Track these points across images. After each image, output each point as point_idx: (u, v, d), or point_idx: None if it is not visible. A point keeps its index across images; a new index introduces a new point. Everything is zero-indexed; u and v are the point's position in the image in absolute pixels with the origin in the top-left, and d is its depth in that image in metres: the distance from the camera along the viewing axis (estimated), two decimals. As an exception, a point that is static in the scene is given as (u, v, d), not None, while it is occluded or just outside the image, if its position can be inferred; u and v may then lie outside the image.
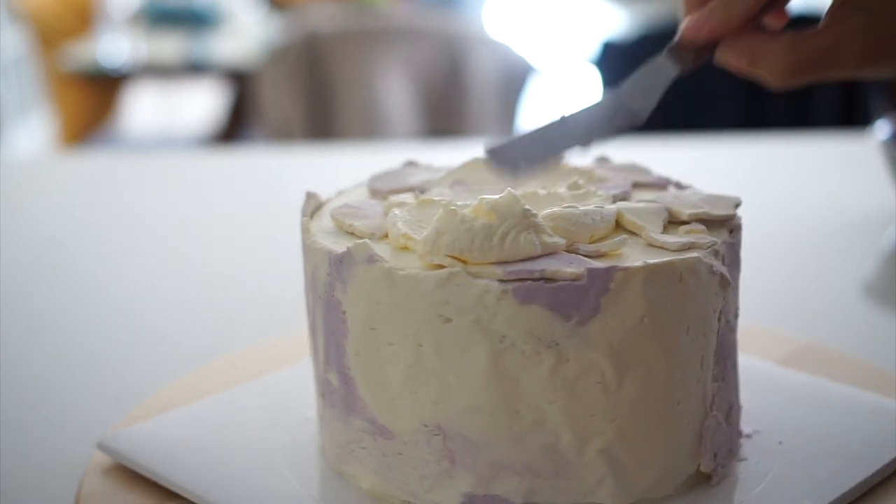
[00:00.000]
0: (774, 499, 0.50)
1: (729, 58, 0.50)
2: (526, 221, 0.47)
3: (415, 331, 0.47)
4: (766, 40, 0.49)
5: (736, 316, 0.53)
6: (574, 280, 0.46)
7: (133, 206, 1.13)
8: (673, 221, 0.51)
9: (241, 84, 3.14)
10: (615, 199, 0.53)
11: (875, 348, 0.71)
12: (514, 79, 2.41)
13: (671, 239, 0.49)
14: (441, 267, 0.47)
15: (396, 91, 2.29)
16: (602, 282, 0.46)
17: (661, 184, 0.57)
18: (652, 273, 0.47)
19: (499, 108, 2.40)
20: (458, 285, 0.46)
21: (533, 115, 2.62)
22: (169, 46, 3.09)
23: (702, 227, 0.50)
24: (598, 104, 0.52)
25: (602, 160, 0.62)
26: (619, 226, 0.51)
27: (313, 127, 2.30)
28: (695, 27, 0.50)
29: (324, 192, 0.58)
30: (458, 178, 0.58)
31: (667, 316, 0.48)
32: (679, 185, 0.57)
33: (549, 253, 0.47)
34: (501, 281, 0.46)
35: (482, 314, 0.46)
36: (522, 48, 2.51)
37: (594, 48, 2.05)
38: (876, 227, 0.99)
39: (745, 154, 1.31)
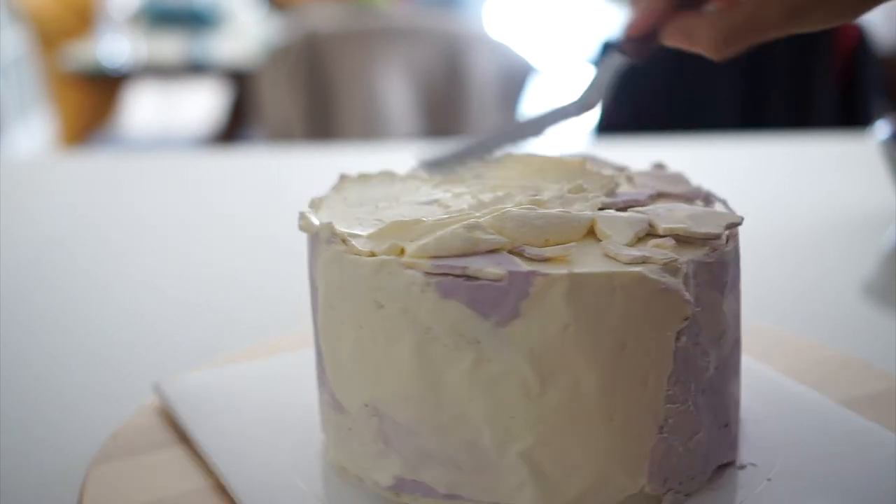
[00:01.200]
0: None
1: (672, 41, 0.54)
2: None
3: (356, 313, 0.49)
4: (697, 18, 0.52)
5: (721, 338, 0.50)
6: (495, 280, 0.46)
7: (133, 206, 1.13)
8: (651, 234, 0.50)
9: (241, 84, 3.14)
10: (604, 205, 0.52)
11: (875, 348, 0.71)
12: (514, 79, 2.41)
13: (625, 251, 0.47)
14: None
15: (396, 91, 2.29)
16: (522, 285, 0.45)
17: (690, 196, 0.55)
18: (576, 282, 0.45)
19: (499, 108, 2.40)
20: (390, 273, 0.47)
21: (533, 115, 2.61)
22: (169, 46, 3.09)
23: (672, 242, 0.49)
24: (556, 108, 0.55)
25: (658, 166, 0.60)
26: (590, 232, 0.50)
27: (313, 127, 2.30)
28: (633, 25, 0.54)
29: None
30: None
31: (596, 328, 0.46)
32: (708, 199, 0.55)
33: (488, 251, 0.47)
34: (427, 273, 0.46)
35: (409, 304, 0.47)
36: (522, 48, 2.51)
37: (594, 48, 2.05)
38: (876, 227, 0.99)
39: (745, 154, 1.31)
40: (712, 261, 0.49)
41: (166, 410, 0.59)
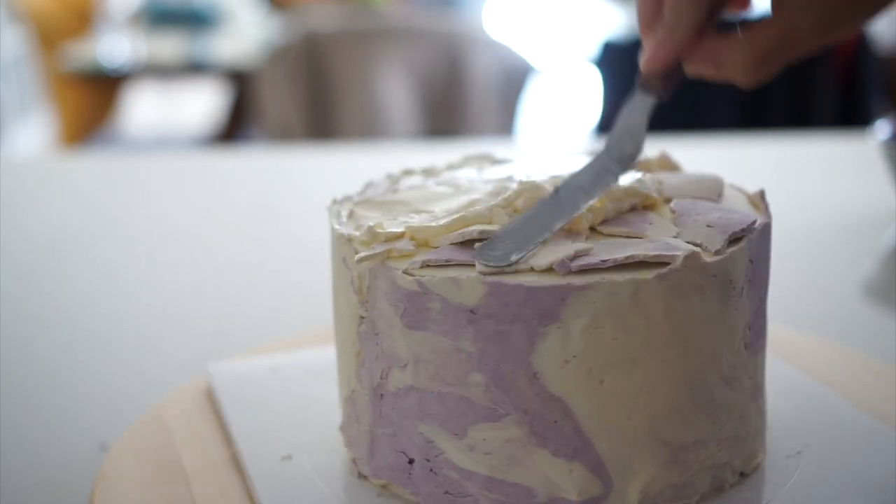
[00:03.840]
0: None
1: (697, 70, 0.49)
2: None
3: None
4: (724, 44, 0.48)
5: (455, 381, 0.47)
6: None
7: (133, 206, 1.13)
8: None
9: (241, 84, 3.14)
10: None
11: (875, 348, 0.71)
12: (514, 79, 2.41)
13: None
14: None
15: (396, 91, 2.29)
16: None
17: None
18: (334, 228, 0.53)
19: (499, 108, 2.40)
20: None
21: (533, 114, 2.61)
22: (169, 46, 3.09)
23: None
24: (589, 165, 0.52)
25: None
26: None
27: (313, 127, 2.30)
28: (652, 59, 0.50)
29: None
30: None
31: (334, 269, 0.53)
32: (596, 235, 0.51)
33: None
34: None
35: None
36: (522, 48, 2.51)
37: (594, 48, 2.05)
38: (876, 227, 0.99)
39: (745, 154, 1.31)
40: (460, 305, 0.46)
41: (209, 392, 0.61)
